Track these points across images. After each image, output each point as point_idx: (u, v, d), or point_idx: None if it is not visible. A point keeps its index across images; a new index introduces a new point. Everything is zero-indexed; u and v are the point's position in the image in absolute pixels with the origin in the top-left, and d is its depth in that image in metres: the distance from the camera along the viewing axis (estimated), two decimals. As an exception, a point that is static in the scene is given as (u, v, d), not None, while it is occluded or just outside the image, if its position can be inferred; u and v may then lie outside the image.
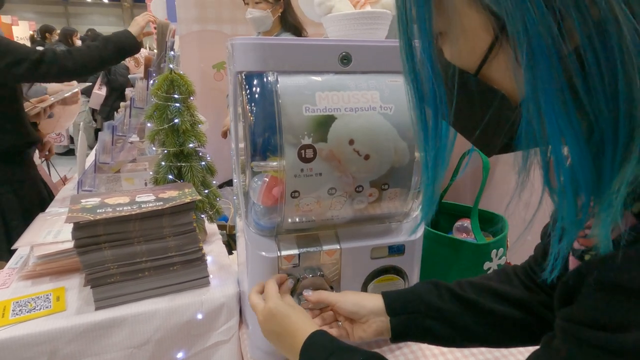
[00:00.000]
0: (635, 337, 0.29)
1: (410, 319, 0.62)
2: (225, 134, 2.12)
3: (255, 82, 0.66)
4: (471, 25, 0.36)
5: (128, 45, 1.56)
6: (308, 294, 0.68)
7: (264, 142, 0.65)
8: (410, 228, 0.79)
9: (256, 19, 1.91)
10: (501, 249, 0.87)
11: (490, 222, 0.97)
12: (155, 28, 1.60)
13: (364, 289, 0.79)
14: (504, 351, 0.83)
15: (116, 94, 4.35)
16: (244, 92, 0.66)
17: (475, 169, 1.65)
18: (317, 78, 0.67)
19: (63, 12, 15.36)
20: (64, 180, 1.95)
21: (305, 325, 0.59)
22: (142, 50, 4.61)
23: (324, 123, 0.66)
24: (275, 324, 0.62)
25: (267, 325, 0.63)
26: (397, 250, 0.78)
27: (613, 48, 0.29)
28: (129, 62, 4.49)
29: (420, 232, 0.80)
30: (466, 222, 0.97)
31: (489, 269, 0.86)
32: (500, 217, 0.96)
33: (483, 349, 0.84)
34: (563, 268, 0.47)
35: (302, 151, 0.65)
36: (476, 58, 0.37)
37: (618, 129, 0.30)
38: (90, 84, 4.36)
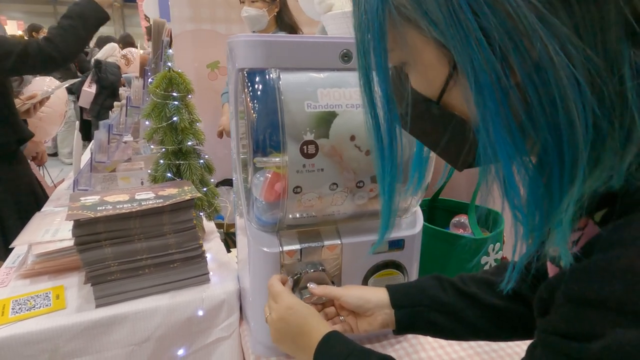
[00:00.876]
0: (601, 345, 0.30)
1: (414, 312, 0.63)
2: (220, 134, 2.12)
3: (257, 79, 0.66)
4: (429, 58, 0.38)
5: (99, 18, 1.53)
6: (313, 286, 0.69)
7: (266, 138, 0.66)
8: (410, 223, 0.81)
9: (252, 18, 1.92)
10: (498, 244, 0.89)
11: (486, 218, 0.98)
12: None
13: (364, 283, 0.80)
14: (502, 344, 0.85)
15: (106, 92, 4.30)
16: (246, 89, 0.67)
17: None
18: (319, 75, 0.68)
19: (52, 12, 15.19)
20: (57, 186, 1.94)
21: (319, 325, 0.59)
22: (133, 49, 4.57)
23: (326, 119, 0.67)
24: (291, 322, 0.61)
25: (281, 323, 0.62)
26: (396, 245, 0.79)
27: (550, 84, 0.31)
28: (119, 60, 4.46)
29: (419, 227, 0.81)
30: (463, 218, 0.98)
31: (486, 263, 0.87)
32: (496, 213, 0.97)
33: (481, 342, 0.85)
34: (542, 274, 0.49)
35: (305, 147, 0.66)
36: (436, 87, 0.39)
37: (563, 154, 0.32)
38: (79, 79, 4.32)
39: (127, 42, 5.13)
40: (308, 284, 0.71)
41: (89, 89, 4.29)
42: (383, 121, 0.42)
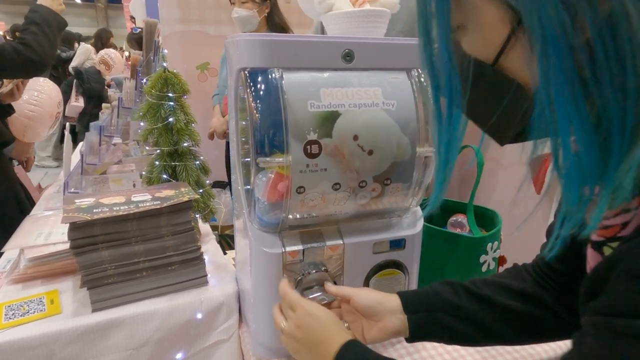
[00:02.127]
0: None
1: (428, 317, 0.61)
2: (211, 136, 2.10)
3: (260, 78, 0.66)
4: (489, 18, 0.37)
5: (59, 22, 1.52)
6: (328, 285, 0.68)
7: (269, 138, 0.65)
8: (410, 223, 0.81)
9: (242, 19, 1.91)
10: (496, 242, 0.89)
11: (482, 217, 0.99)
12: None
13: (366, 283, 0.80)
14: (509, 348, 0.85)
15: (93, 102, 4.20)
16: (248, 89, 0.66)
17: (464, 166, 1.69)
18: (321, 75, 0.68)
19: (33, 13, 14.87)
20: (39, 189, 1.89)
21: (339, 333, 0.57)
22: (112, 52, 4.44)
23: (329, 119, 0.67)
24: (310, 330, 0.59)
25: (300, 332, 0.59)
26: (398, 244, 0.79)
27: (623, 42, 0.30)
28: (99, 65, 4.34)
29: (419, 226, 0.81)
30: (460, 217, 0.99)
31: (484, 262, 0.88)
32: (493, 212, 0.98)
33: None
34: (576, 259, 0.49)
35: (308, 147, 0.66)
36: (493, 49, 0.38)
37: (625, 117, 0.32)
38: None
39: (102, 38, 4.81)
40: (325, 283, 0.70)
41: (77, 103, 4.18)
42: (445, 84, 0.41)
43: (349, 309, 0.67)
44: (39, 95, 1.94)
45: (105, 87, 4.32)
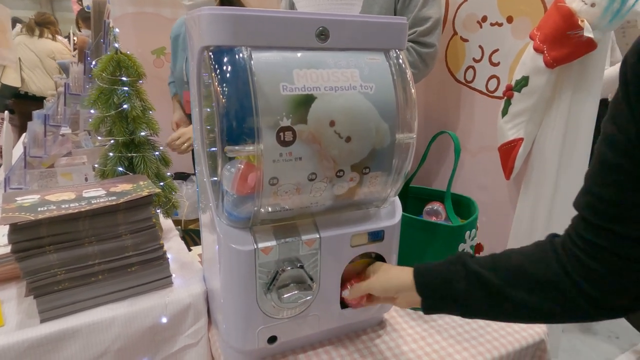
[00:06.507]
0: None
1: (441, 303, 0.63)
2: (178, 127, 1.98)
3: (225, 58, 0.59)
4: None
5: None
6: (345, 294, 0.75)
7: (238, 124, 0.59)
8: (389, 213, 0.77)
9: (198, 4, 1.79)
10: (474, 230, 0.88)
11: (457, 204, 0.97)
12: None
13: (344, 278, 0.76)
14: (481, 331, 0.84)
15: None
16: (212, 72, 0.59)
17: (441, 152, 1.68)
18: (294, 54, 0.62)
19: None
20: None
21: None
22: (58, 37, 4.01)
23: (303, 103, 0.61)
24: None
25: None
26: (376, 236, 0.75)
27: None
28: None
29: (398, 217, 0.77)
30: (436, 205, 0.96)
31: (462, 250, 0.86)
32: (469, 199, 0.96)
33: (461, 330, 0.84)
34: None
35: (281, 134, 0.60)
36: None
37: None
38: None
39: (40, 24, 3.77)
40: (342, 293, 0.75)
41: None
42: None
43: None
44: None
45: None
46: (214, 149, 0.64)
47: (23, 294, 0.79)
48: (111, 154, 0.92)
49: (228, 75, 0.59)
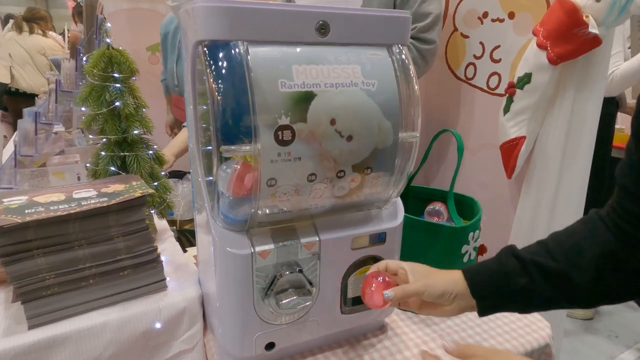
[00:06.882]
0: None
1: (499, 302, 0.60)
2: (172, 130, 1.95)
3: (221, 53, 0.56)
4: None
5: None
6: (390, 295, 0.63)
7: (234, 123, 0.56)
8: (391, 215, 0.75)
9: (183, 4, 1.75)
10: (477, 231, 0.85)
11: (459, 204, 0.95)
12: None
13: (344, 282, 0.73)
14: (485, 335, 0.82)
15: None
16: (207, 66, 0.57)
17: (441, 151, 1.66)
18: (293, 49, 0.59)
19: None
20: None
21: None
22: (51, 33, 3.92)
23: (303, 100, 0.58)
24: None
25: None
26: (378, 239, 0.72)
27: None
28: None
29: (400, 218, 0.75)
30: (437, 206, 0.94)
31: (466, 252, 0.84)
32: (471, 199, 0.94)
33: (463, 335, 0.82)
34: None
35: (280, 133, 0.57)
36: None
37: None
38: None
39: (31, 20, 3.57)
40: (384, 293, 0.64)
41: None
42: None
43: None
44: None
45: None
46: (209, 148, 0.62)
47: (10, 299, 0.76)
48: (103, 153, 0.89)
49: (224, 71, 0.56)
